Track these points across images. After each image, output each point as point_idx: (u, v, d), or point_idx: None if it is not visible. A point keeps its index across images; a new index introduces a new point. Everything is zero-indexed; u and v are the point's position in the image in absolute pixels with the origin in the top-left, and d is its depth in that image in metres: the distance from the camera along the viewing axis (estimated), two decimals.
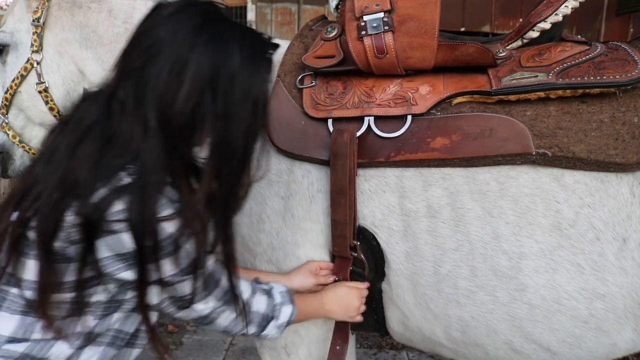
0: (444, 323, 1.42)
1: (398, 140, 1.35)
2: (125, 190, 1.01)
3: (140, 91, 1.05)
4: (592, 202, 1.25)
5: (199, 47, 1.05)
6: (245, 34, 1.14)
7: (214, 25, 1.09)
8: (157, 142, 1.03)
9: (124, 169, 1.03)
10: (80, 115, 1.11)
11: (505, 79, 1.32)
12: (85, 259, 1.04)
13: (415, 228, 1.36)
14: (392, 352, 3.22)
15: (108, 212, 1.00)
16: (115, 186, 1.01)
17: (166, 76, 1.03)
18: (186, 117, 1.05)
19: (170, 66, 1.04)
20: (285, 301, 1.30)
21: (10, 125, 1.72)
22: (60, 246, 1.04)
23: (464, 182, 1.32)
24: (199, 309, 1.17)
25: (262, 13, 4.01)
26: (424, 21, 1.33)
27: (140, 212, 1.00)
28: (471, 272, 1.33)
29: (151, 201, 1.01)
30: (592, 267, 1.26)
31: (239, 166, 1.14)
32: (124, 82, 1.08)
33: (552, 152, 1.25)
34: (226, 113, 1.08)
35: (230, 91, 1.08)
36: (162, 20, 1.08)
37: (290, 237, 1.46)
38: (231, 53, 1.08)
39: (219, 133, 1.09)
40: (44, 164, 1.09)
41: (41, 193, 1.04)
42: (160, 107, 1.04)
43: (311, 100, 1.43)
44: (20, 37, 1.68)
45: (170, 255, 1.05)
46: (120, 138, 1.04)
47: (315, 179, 1.43)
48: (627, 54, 1.30)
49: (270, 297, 1.28)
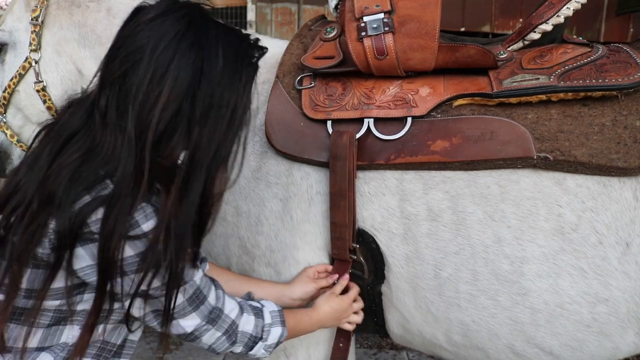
0: (444, 326, 1.41)
1: (398, 143, 1.34)
2: (107, 199, 0.99)
3: (121, 100, 1.02)
4: (595, 206, 1.25)
5: (180, 54, 1.02)
6: (230, 38, 1.11)
7: (197, 30, 1.06)
8: (136, 151, 1.01)
9: (109, 178, 1.01)
10: (63, 123, 1.09)
11: (506, 81, 1.31)
12: (66, 267, 1.02)
13: (415, 231, 1.35)
14: (392, 352, 3.22)
15: (89, 219, 0.98)
16: (99, 194, 1.00)
17: (147, 84, 1.01)
18: (163, 125, 1.02)
19: (151, 74, 1.01)
20: (275, 322, 1.26)
21: (8, 124, 1.72)
22: (42, 253, 1.02)
23: (465, 186, 1.32)
24: (184, 324, 1.13)
25: (262, 13, 4.00)
26: (424, 22, 1.32)
27: (118, 223, 0.98)
28: (473, 276, 1.32)
29: (130, 212, 0.99)
30: (595, 272, 1.25)
31: (207, 174, 1.09)
32: (105, 91, 1.05)
33: (553, 156, 1.24)
34: (202, 120, 1.05)
35: (209, 97, 1.05)
36: (143, 25, 1.05)
37: (289, 240, 1.45)
38: (213, 59, 1.05)
39: (194, 139, 1.06)
40: (26, 170, 1.07)
41: (20, 201, 1.03)
42: (140, 115, 1.01)
43: (310, 102, 1.42)
44: (19, 35, 1.67)
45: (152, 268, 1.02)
46: (103, 148, 1.02)
47: (314, 181, 1.42)
48: (629, 57, 1.29)
49: (259, 317, 1.24)
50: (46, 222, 1.00)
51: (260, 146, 1.49)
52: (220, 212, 1.53)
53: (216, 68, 1.05)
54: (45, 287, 1.03)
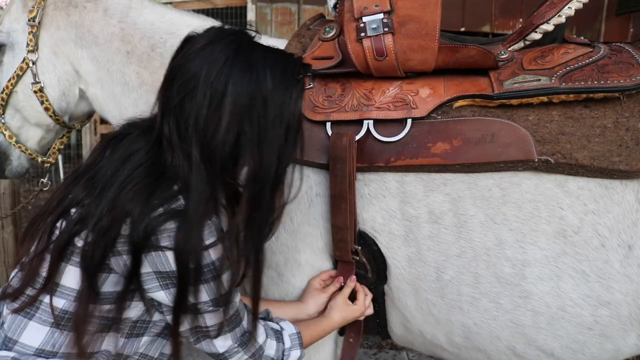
0: (446, 328, 1.40)
1: (398, 145, 1.33)
2: (179, 214, 1.04)
3: (181, 127, 1.08)
4: (597, 208, 1.24)
5: (233, 78, 1.07)
6: (276, 58, 1.16)
7: (245, 54, 1.11)
8: (202, 174, 1.06)
9: (181, 194, 1.07)
10: (130, 147, 1.13)
11: (507, 82, 1.30)
12: (129, 271, 1.06)
13: (417, 233, 1.34)
14: (392, 352, 3.21)
15: (159, 228, 1.03)
16: (171, 207, 1.05)
17: (206, 110, 1.06)
18: (229, 148, 1.08)
19: (209, 100, 1.06)
20: (294, 345, 1.29)
21: (7, 125, 1.71)
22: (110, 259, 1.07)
23: (466, 188, 1.31)
24: (218, 344, 1.17)
25: (262, 13, 3.99)
26: (424, 22, 1.31)
27: (186, 238, 1.03)
28: (474, 279, 1.32)
29: (198, 229, 1.04)
30: (597, 275, 1.24)
31: (272, 191, 1.16)
32: (166, 119, 1.10)
33: (554, 158, 1.23)
34: (260, 139, 1.11)
35: (264, 117, 1.10)
36: (194, 54, 1.10)
37: (290, 242, 1.44)
38: (264, 79, 1.10)
39: (255, 159, 1.11)
40: (88, 185, 1.11)
41: (86, 216, 1.07)
42: (203, 141, 1.07)
43: (309, 103, 1.41)
44: (16, 36, 1.67)
45: (209, 282, 1.07)
46: (172, 169, 1.08)
47: (313, 183, 1.41)
48: (632, 57, 1.27)
49: (280, 342, 1.28)
50: (117, 236, 1.04)
51: None
52: None
53: (267, 89, 1.10)
54: (121, 289, 1.08)
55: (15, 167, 1.79)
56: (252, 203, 1.12)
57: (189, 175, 1.06)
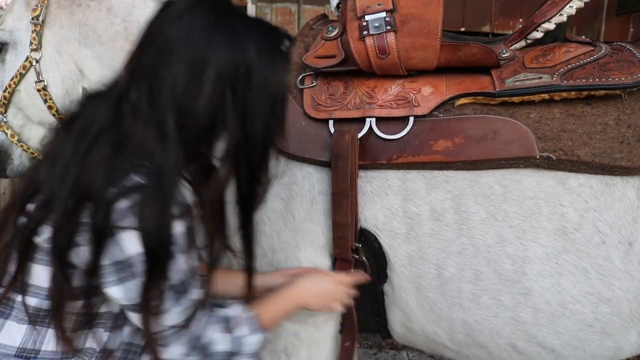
0: (447, 326, 1.41)
1: (400, 142, 1.34)
2: (136, 191, 0.97)
3: (154, 93, 1.01)
4: (598, 205, 1.24)
5: (215, 44, 1.02)
6: (260, 26, 1.11)
7: (227, 20, 1.05)
8: (176, 145, 1.00)
9: (134, 170, 0.99)
10: (89, 118, 1.06)
11: (508, 80, 1.31)
12: (93, 263, 1.00)
13: (418, 231, 1.35)
14: (392, 352, 3.21)
15: (120, 206, 0.96)
16: (125, 187, 0.97)
17: (184, 77, 1.00)
18: (208, 118, 1.02)
19: (189, 67, 1.00)
20: (251, 330, 1.17)
21: (9, 124, 1.71)
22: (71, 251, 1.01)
23: (468, 185, 1.31)
24: (171, 352, 1.07)
25: (262, 13, 3.99)
26: (426, 21, 1.31)
27: (152, 215, 0.96)
28: (475, 276, 1.32)
29: (165, 204, 0.98)
30: (597, 271, 1.25)
31: (259, 164, 1.11)
32: (136, 84, 1.03)
33: (556, 155, 1.24)
34: (245, 110, 1.05)
35: (248, 87, 1.04)
36: (173, 18, 1.04)
37: (291, 239, 1.44)
38: (248, 47, 1.04)
39: (239, 131, 1.05)
40: (48, 168, 1.05)
41: (51, 200, 1.00)
42: (180, 109, 1.00)
43: (312, 101, 1.42)
44: (19, 35, 1.67)
45: (173, 259, 1.00)
46: (133, 141, 1.00)
47: (316, 181, 1.41)
48: (633, 55, 1.28)
49: (232, 332, 1.15)
50: (81, 220, 0.98)
51: None
52: None
53: (252, 57, 1.04)
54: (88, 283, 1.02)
55: (17, 166, 1.78)
56: (236, 175, 1.06)
57: (155, 145, 0.99)
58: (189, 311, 1.06)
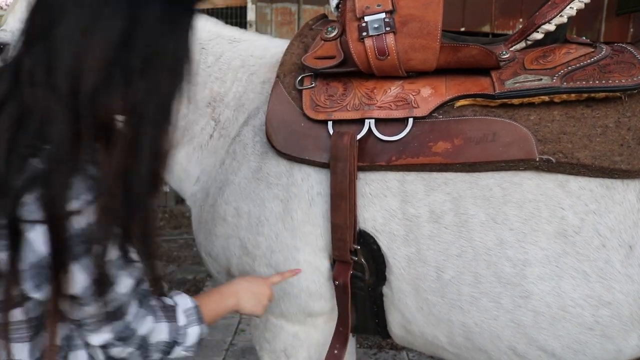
0: (447, 328, 1.40)
1: (399, 144, 1.33)
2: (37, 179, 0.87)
3: (49, 57, 0.90)
4: (598, 208, 1.24)
5: None
6: None
7: None
8: (69, 112, 0.89)
9: (35, 154, 0.89)
10: None
11: (508, 82, 1.30)
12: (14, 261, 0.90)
13: (417, 233, 1.34)
14: (392, 352, 3.21)
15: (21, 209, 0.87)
16: (27, 176, 0.87)
17: (77, 36, 0.89)
18: (99, 77, 0.91)
19: (80, 24, 0.90)
20: (191, 321, 1.13)
21: None
22: None
23: (467, 188, 1.31)
24: (96, 340, 1.01)
25: (262, 13, 3.99)
26: (426, 22, 1.31)
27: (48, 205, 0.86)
28: (475, 279, 1.31)
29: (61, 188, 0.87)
30: (597, 275, 1.24)
31: (154, 131, 0.98)
32: (30, 49, 0.92)
33: (556, 158, 1.23)
34: (140, 70, 0.94)
35: (146, 45, 0.94)
36: None
37: (290, 241, 1.44)
38: (148, 4, 0.95)
39: (137, 93, 0.95)
40: None
41: None
42: (72, 71, 0.89)
43: (311, 102, 1.42)
44: None
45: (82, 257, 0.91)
46: (33, 115, 0.90)
47: (315, 182, 1.41)
48: (633, 57, 1.28)
49: (172, 321, 1.10)
50: None
51: (261, 146, 1.48)
52: (221, 213, 1.53)
53: (151, 13, 0.95)
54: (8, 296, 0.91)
55: None
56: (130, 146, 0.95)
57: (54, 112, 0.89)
58: (116, 303, 0.98)
